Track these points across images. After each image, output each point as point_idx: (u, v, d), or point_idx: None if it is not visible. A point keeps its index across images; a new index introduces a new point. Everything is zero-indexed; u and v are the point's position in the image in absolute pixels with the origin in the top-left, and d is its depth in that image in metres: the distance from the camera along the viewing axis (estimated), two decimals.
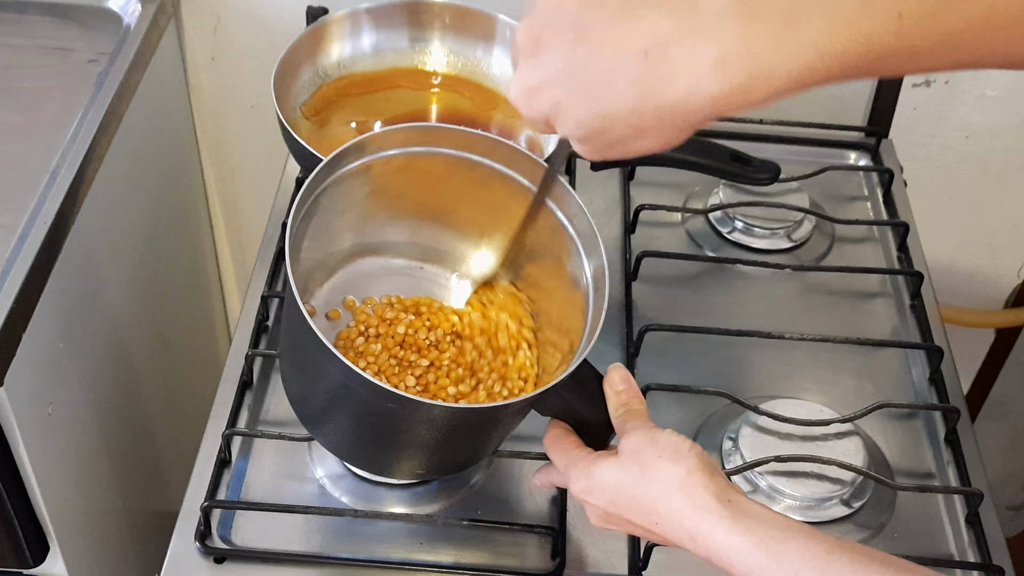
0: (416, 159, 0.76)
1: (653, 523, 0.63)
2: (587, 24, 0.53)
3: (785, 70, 0.50)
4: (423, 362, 0.78)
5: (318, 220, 0.74)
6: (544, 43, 0.55)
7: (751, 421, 0.88)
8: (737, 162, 0.93)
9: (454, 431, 0.69)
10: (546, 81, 0.55)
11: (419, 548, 0.82)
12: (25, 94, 1.06)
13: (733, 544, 0.59)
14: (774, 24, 0.49)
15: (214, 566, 0.80)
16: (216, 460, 0.85)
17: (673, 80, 0.51)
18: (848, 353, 0.98)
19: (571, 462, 0.68)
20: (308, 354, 0.69)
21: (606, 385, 0.70)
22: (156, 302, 1.28)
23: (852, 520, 0.85)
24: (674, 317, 0.98)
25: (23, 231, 0.92)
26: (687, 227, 1.10)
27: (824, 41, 0.49)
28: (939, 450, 0.92)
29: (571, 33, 0.54)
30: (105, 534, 1.15)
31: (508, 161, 0.77)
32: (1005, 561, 0.83)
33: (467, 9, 1.03)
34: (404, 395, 0.65)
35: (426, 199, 0.80)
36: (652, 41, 0.51)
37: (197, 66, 1.29)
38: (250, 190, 1.42)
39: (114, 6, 1.15)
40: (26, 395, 0.91)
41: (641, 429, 0.66)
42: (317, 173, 0.71)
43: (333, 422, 0.74)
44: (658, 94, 0.52)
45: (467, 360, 0.79)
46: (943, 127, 1.27)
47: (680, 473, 0.62)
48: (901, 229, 1.08)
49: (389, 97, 1.04)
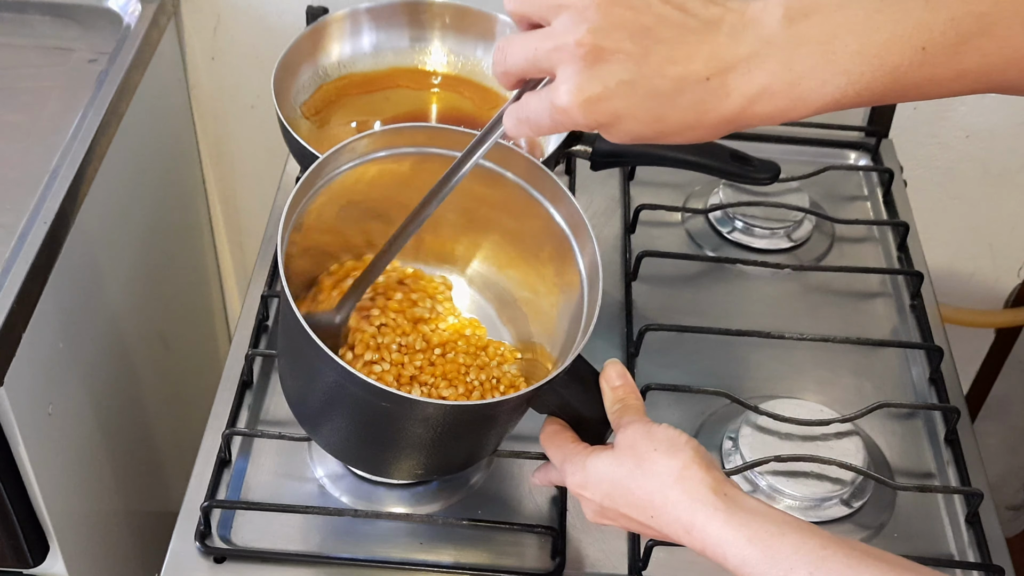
0: (413, 160, 0.76)
1: (648, 516, 0.63)
2: (653, 42, 0.56)
3: (821, 94, 0.56)
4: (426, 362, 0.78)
5: (313, 220, 0.74)
6: (607, 54, 0.55)
7: (751, 421, 0.88)
8: (737, 162, 0.93)
9: (450, 429, 0.69)
10: (607, 93, 0.56)
11: (419, 548, 0.82)
12: (25, 94, 1.06)
13: (728, 538, 0.60)
14: (815, 52, 0.56)
15: (214, 566, 0.80)
16: (216, 460, 0.85)
17: (728, 101, 0.56)
18: (848, 353, 0.98)
19: (567, 457, 0.69)
20: (303, 355, 0.69)
21: (602, 380, 0.70)
22: (156, 302, 1.28)
23: (852, 520, 0.85)
24: (674, 317, 0.98)
25: (23, 231, 0.92)
26: (687, 227, 1.10)
27: (855, 70, 0.55)
28: (939, 450, 0.92)
29: (637, 49, 0.55)
30: (105, 534, 1.15)
31: (506, 162, 0.77)
32: (1005, 561, 0.83)
33: (467, 9, 1.03)
34: (398, 393, 0.65)
35: (418, 200, 0.80)
36: (715, 68, 0.56)
37: (197, 66, 1.29)
38: (250, 190, 1.42)
39: (114, 6, 1.15)
40: (26, 395, 0.91)
41: (637, 423, 0.66)
42: (311, 172, 0.71)
43: (331, 423, 0.74)
44: (715, 113, 0.57)
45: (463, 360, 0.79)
46: (943, 127, 1.27)
47: (676, 466, 0.62)
48: (901, 229, 1.08)
49: (389, 97, 1.04)
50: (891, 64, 0.55)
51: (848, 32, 0.55)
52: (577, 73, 0.56)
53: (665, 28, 0.56)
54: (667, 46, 0.56)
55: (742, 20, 0.56)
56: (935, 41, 0.55)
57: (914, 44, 0.55)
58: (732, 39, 0.56)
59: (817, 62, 0.56)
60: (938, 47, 0.55)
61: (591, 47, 0.55)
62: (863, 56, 0.55)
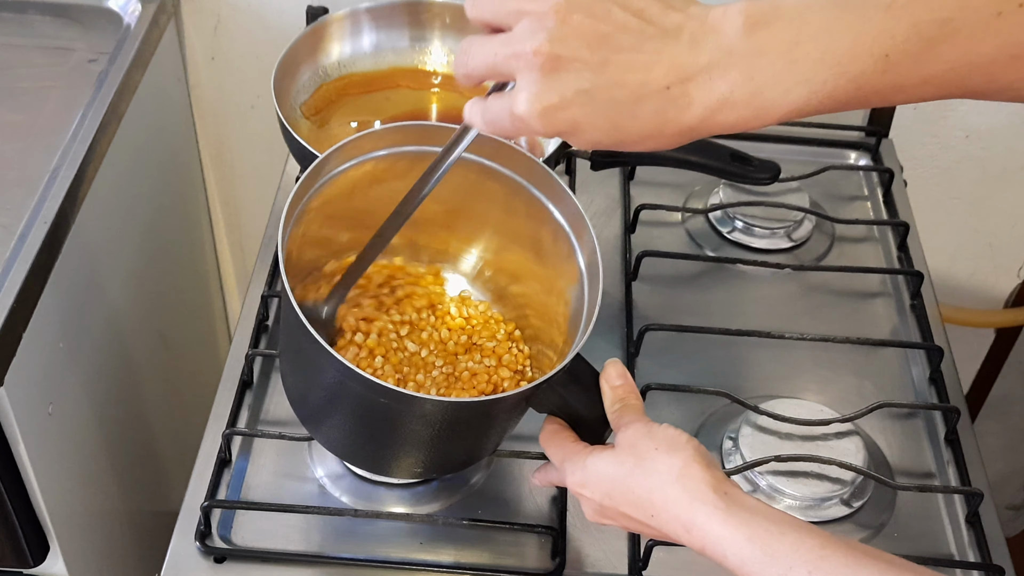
0: (412, 159, 0.76)
1: (648, 515, 0.63)
2: (612, 51, 0.55)
3: (784, 103, 0.56)
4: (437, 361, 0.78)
5: (312, 219, 0.74)
6: (565, 63, 0.55)
7: (751, 421, 0.88)
8: (737, 162, 0.93)
9: (449, 427, 0.70)
10: (565, 102, 0.56)
11: (419, 548, 0.82)
12: (25, 94, 1.06)
13: (727, 536, 0.60)
14: (777, 61, 0.55)
15: (214, 566, 0.80)
16: (216, 460, 0.85)
17: (689, 110, 0.56)
18: (848, 353, 0.98)
19: (567, 456, 0.69)
20: (304, 352, 0.69)
21: (602, 380, 0.70)
22: (156, 302, 1.28)
23: (852, 520, 0.85)
24: (674, 317, 0.98)
25: (23, 231, 0.92)
26: (687, 227, 1.10)
27: (818, 79, 0.55)
28: (939, 450, 0.92)
29: (594, 57, 0.55)
30: (105, 534, 1.15)
31: (506, 160, 0.77)
32: (1005, 561, 0.83)
33: None
34: (396, 389, 0.65)
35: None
36: (674, 77, 0.55)
37: (197, 66, 1.29)
38: (250, 190, 1.42)
39: (114, 6, 1.15)
40: (26, 395, 0.91)
41: (638, 423, 0.66)
42: (311, 171, 0.71)
43: (331, 420, 0.74)
44: (675, 123, 0.56)
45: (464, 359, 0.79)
46: (943, 127, 1.27)
47: (677, 464, 0.62)
48: (901, 229, 1.08)
49: (389, 97, 1.04)
50: (854, 72, 0.55)
51: (810, 40, 0.55)
52: (535, 82, 0.56)
53: (624, 36, 0.55)
54: (625, 54, 0.55)
55: (702, 28, 0.56)
56: (898, 48, 0.54)
57: (876, 52, 0.54)
58: (692, 48, 0.56)
59: (779, 71, 0.55)
60: (901, 54, 0.54)
61: (548, 55, 0.55)
62: (825, 64, 0.55)
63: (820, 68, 0.55)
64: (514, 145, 0.76)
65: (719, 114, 0.56)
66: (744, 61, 0.55)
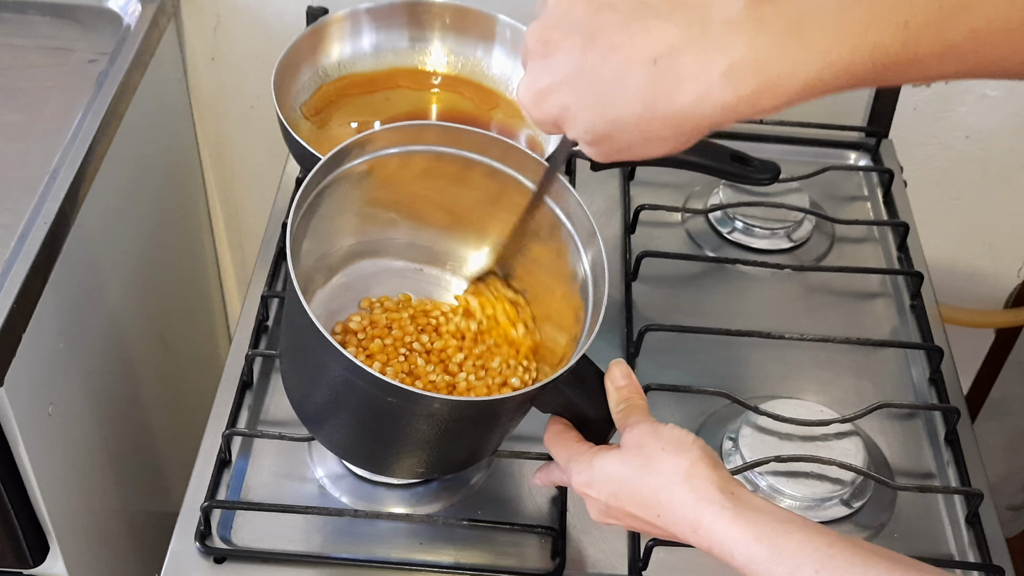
0: (415, 158, 0.76)
1: (655, 515, 0.63)
2: (598, 29, 0.54)
3: (793, 79, 0.51)
4: (430, 364, 0.78)
5: (317, 219, 0.74)
6: (554, 46, 0.55)
7: (751, 421, 0.88)
8: (737, 162, 0.93)
9: (454, 426, 0.70)
10: (555, 84, 0.56)
11: (419, 548, 0.82)
12: (25, 94, 1.06)
13: (734, 536, 0.60)
14: (783, 33, 0.50)
15: (214, 566, 0.80)
16: (216, 460, 0.85)
17: (682, 88, 0.52)
18: (848, 353, 0.98)
19: (572, 456, 0.68)
20: (309, 350, 0.69)
21: (607, 380, 0.70)
22: (156, 302, 1.28)
23: (852, 520, 0.85)
24: (674, 317, 0.98)
25: (23, 231, 0.92)
26: (687, 227, 1.10)
27: (832, 51, 0.50)
28: (939, 450, 0.92)
29: (581, 37, 0.54)
30: (105, 534, 1.15)
31: (509, 160, 0.77)
32: (1005, 561, 0.83)
33: (467, 9, 1.03)
34: (405, 388, 0.65)
35: (425, 199, 0.80)
36: (662, 49, 0.51)
37: (197, 66, 1.29)
38: (250, 190, 1.42)
39: (114, 6, 1.15)
40: (26, 395, 0.91)
41: (644, 423, 0.66)
42: (316, 171, 0.71)
43: (334, 419, 0.74)
44: (667, 101, 0.52)
45: (471, 356, 0.79)
46: (943, 127, 1.27)
47: (684, 464, 0.62)
48: (901, 229, 1.08)
49: (389, 97, 1.04)
50: (870, 43, 0.50)
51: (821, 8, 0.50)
52: (531, 68, 0.56)
53: (614, 14, 0.53)
54: (611, 31, 0.53)
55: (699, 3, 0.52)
56: (917, 16, 0.49)
57: (895, 19, 0.49)
58: (686, 22, 0.51)
59: (787, 42, 0.50)
60: (921, 22, 0.50)
61: (541, 42, 0.56)
62: (840, 34, 0.50)
63: (834, 38, 0.50)
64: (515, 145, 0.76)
65: (716, 91, 0.51)
66: (746, 32, 0.51)
